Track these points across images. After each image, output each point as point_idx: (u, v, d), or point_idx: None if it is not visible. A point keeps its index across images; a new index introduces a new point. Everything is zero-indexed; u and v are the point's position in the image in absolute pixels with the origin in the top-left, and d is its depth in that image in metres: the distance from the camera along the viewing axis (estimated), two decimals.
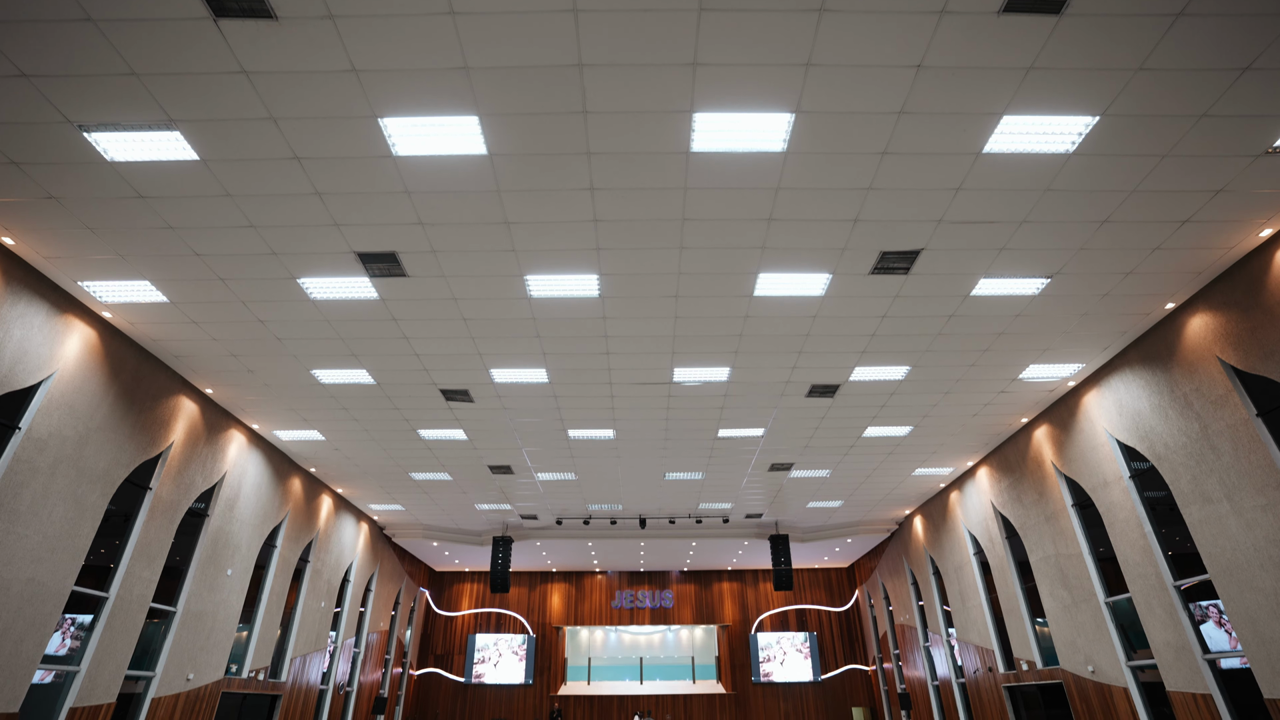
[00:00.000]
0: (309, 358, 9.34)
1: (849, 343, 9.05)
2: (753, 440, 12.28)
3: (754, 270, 7.48)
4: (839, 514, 17.39)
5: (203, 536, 10.99)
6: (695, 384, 10.06)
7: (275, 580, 13.09)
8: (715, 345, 9.01)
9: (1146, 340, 9.12)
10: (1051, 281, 7.82)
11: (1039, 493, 12.09)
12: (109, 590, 9.02)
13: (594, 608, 22.77)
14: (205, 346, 9.06)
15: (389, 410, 10.96)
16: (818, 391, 10.38)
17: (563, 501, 15.92)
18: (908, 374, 9.95)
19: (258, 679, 12.53)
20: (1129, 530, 9.89)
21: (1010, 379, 10.31)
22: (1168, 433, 8.91)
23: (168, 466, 9.91)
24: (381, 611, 18.31)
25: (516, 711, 21.18)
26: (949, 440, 12.70)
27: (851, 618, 22.59)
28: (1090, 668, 10.95)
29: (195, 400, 10.41)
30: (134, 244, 6.93)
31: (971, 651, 14.74)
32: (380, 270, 7.40)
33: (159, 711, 10.03)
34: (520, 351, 9.08)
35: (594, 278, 7.53)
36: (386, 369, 9.62)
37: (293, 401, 10.80)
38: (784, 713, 21.20)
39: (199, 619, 10.85)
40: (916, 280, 7.77)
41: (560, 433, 11.79)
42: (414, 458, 13.06)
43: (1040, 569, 12.18)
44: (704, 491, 15.25)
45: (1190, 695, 8.91)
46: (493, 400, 10.52)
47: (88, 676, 8.62)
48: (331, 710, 15.45)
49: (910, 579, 17.98)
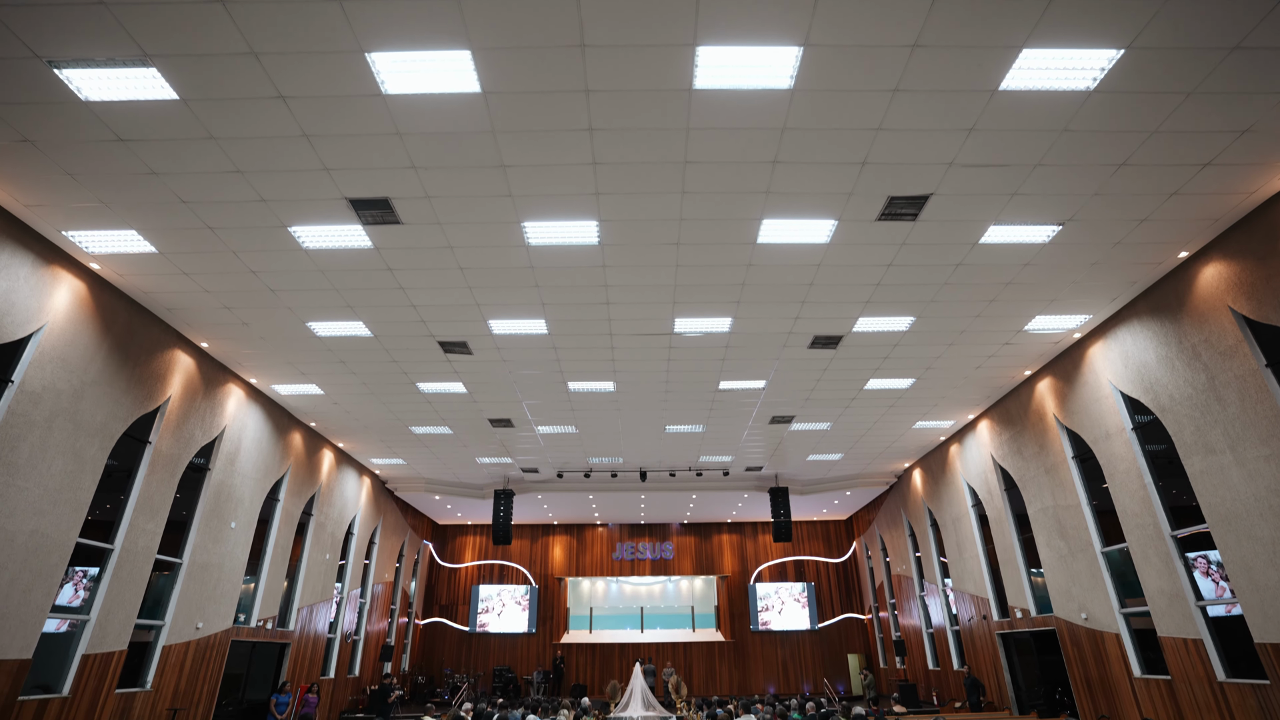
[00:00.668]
0: (304, 309, 9.19)
1: (853, 292, 8.89)
2: (754, 392, 12.22)
3: (757, 216, 7.27)
4: (839, 467, 17.48)
5: (205, 490, 11.02)
6: (696, 335, 9.92)
7: (279, 533, 13.21)
8: (717, 295, 8.84)
9: (1156, 291, 8.95)
10: (1063, 229, 7.62)
11: (1039, 445, 12.08)
12: (114, 542, 9.07)
13: (595, 559, 23.13)
14: (198, 299, 8.89)
15: (387, 363, 10.86)
16: (820, 343, 10.26)
17: (563, 455, 15.96)
18: (912, 325, 9.81)
19: (266, 628, 12.75)
20: (1129, 481, 9.90)
21: (1016, 330, 10.18)
22: (1173, 384, 8.83)
23: (166, 420, 9.85)
24: (386, 563, 18.58)
25: (520, 659, 21.72)
26: (951, 393, 12.64)
27: (849, 568, 22.97)
28: (1084, 615, 11.12)
29: (191, 354, 10.29)
30: (117, 191, 6.71)
31: (967, 600, 14.99)
32: (373, 217, 7.19)
33: (170, 658, 10.22)
34: (519, 302, 8.93)
35: (593, 224, 7.33)
36: (383, 321, 9.47)
37: (290, 355, 10.68)
38: (781, 659, 21.73)
39: (205, 570, 10.96)
40: (924, 227, 7.56)
41: (560, 385, 11.72)
42: (414, 411, 13.02)
43: (1038, 520, 12.27)
44: (704, 444, 15.27)
45: (1181, 640, 9.06)
46: (491, 352, 10.40)
47: (98, 625, 8.74)
48: (340, 658, 15.80)
49: (908, 531, 18.19)
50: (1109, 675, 10.60)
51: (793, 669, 21.64)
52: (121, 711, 9.26)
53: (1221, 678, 8.49)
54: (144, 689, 9.75)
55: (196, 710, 10.86)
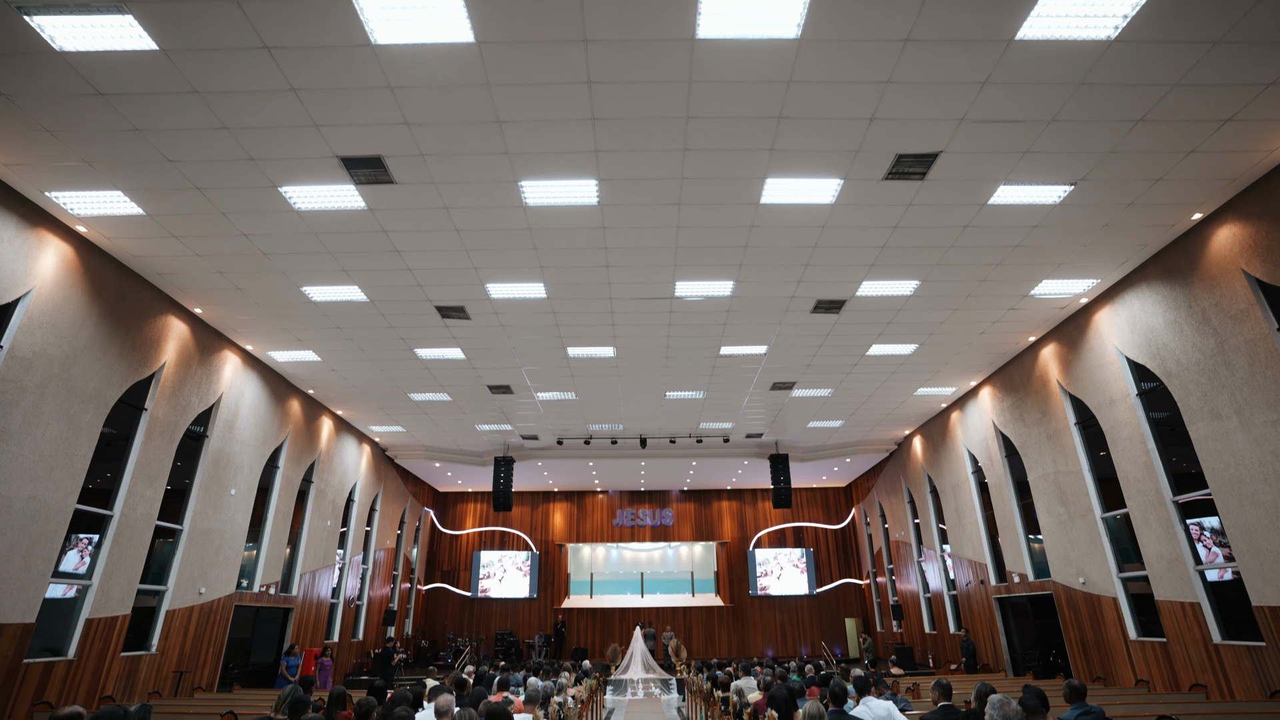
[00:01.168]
0: (298, 274, 9.02)
1: (858, 255, 8.71)
2: (755, 358, 12.11)
3: (761, 175, 7.07)
4: (839, 434, 17.47)
5: (203, 457, 10.97)
6: (698, 299, 9.77)
7: (280, 500, 13.22)
8: (719, 257, 8.67)
9: (1167, 254, 8.78)
10: (1074, 189, 7.42)
11: (1042, 411, 12.03)
12: (113, 509, 9.05)
13: (596, 526, 23.30)
14: (189, 263, 8.71)
15: (384, 329, 10.72)
16: (823, 307, 10.11)
17: (563, 422, 15.93)
18: (917, 289, 9.65)
19: (269, 593, 12.84)
20: (1132, 447, 9.86)
21: (1022, 295, 10.03)
22: (1181, 349, 8.72)
23: (161, 387, 9.75)
24: (387, 530, 18.69)
25: (522, 623, 22.02)
26: (954, 359, 12.54)
27: (847, 535, 23.16)
28: (1081, 579, 11.18)
29: (185, 320, 10.15)
30: (100, 149, 6.49)
31: (965, 566, 15.10)
32: (366, 176, 6.98)
33: (174, 623, 10.29)
34: (517, 265, 8.76)
35: (592, 183, 7.12)
36: (379, 285, 9.31)
37: (285, 321, 10.54)
38: (780, 623, 22.04)
39: (206, 536, 10.98)
40: (932, 187, 7.36)
41: (559, 351, 11.60)
42: (412, 378, 12.93)
43: (1038, 486, 12.28)
44: (705, 411, 15.22)
45: (1179, 604, 9.11)
46: (490, 317, 10.26)
47: (100, 590, 8.76)
48: (343, 622, 15.98)
49: (907, 497, 18.27)
50: (1104, 638, 10.70)
51: (791, 633, 21.96)
52: (128, 674, 9.36)
53: (1217, 640, 8.56)
54: (149, 652, 9.83)
55: (202, 673, 10.98)
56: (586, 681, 11.28)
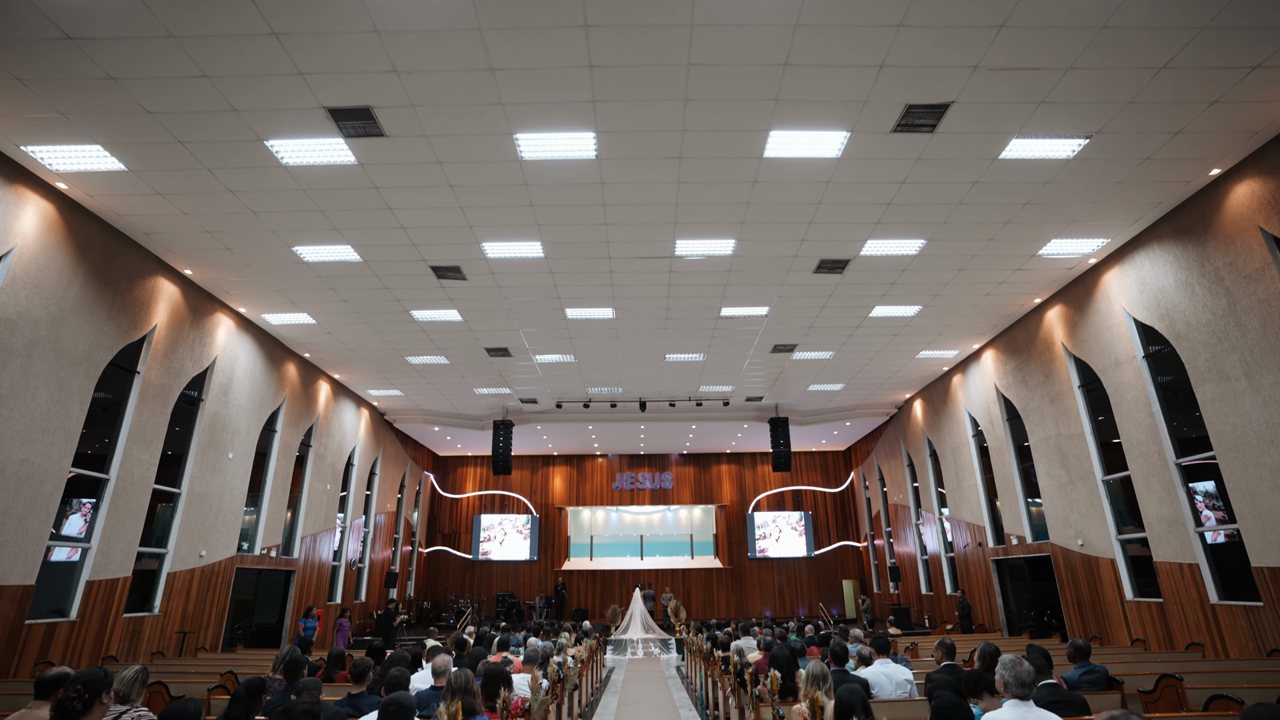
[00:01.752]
0: (289, 233, 8.79)
1: (863, 212, 8.48)
2: (756, 320, 11.94)
3: (765, 127, 6.81)
4: (839, 397, 17.40)
5: (199, 421, 10.88)
6: (698, 258, 9.56)
7: (278, 464, 13.19)
8: (721, 215, 8.44)
9: (1181, 212, 8.56)
10: (1090, 143, 7.16)
11: (1045, 374, 11.92)
12: (109, 472, 8.98)
13: (595, 489, 23.42)
14: (176, 222, 8.48)
15: (379, 290, 10.52)
16: (826, 267, 9.91)
17: (562, 385, 15.83)
18: (922, 248, 9.44)
19: (270, 556, 12.90)
20: (1136, 410, 9.77)
21: (1029, 255, 9.82)
22: (1191, 310, 8.56)
23: (153, 350, 9.60)
24: (388, 494, 18.75)
25: (523, 585, 22.28)
26: (957, 321, 12.37)
27: (846, 498, 23.30)
28: (1080, 541, 11.21)
29: (175, 282, 9.94)
30: (75, 99, 6.21)
31: (963, 528, 15.17)
32: (355, 129, 6.72)
33: (175, 585, 10.33)
34: (513, 223, 8.53)
35: (590, 136, 6.86)
36: (372, 244, 9.09)
37: (278, 282, 10.34)
38: (778, 585, 22.31)
39: (205, 500, 10.96)
40: (942, 140, 7.10)
41: (558, 312, 11.42)
42: (409, 340, 12.77)
43: (1039, 449, 12.24)
44: (705, 374, 15.11)
45: (1177, 565, 9.13)
46: (486, 277, 10.06)
47: (100, 553, 8.75)
48: (345, 584, 16.12)
49: (906, 461, 18.29)
50: (1101, 598, 10.77)
51: (789, 594, 22.24)
52: (131, 634, 9.41)
53: (1214, 600, 8.60)
54: (152, 613, 9.88)
55: (206, 634, 11.07)
56: (587, 641, 11.39)
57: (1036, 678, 2.96)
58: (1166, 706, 4.56)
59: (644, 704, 9.49)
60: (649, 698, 10.10)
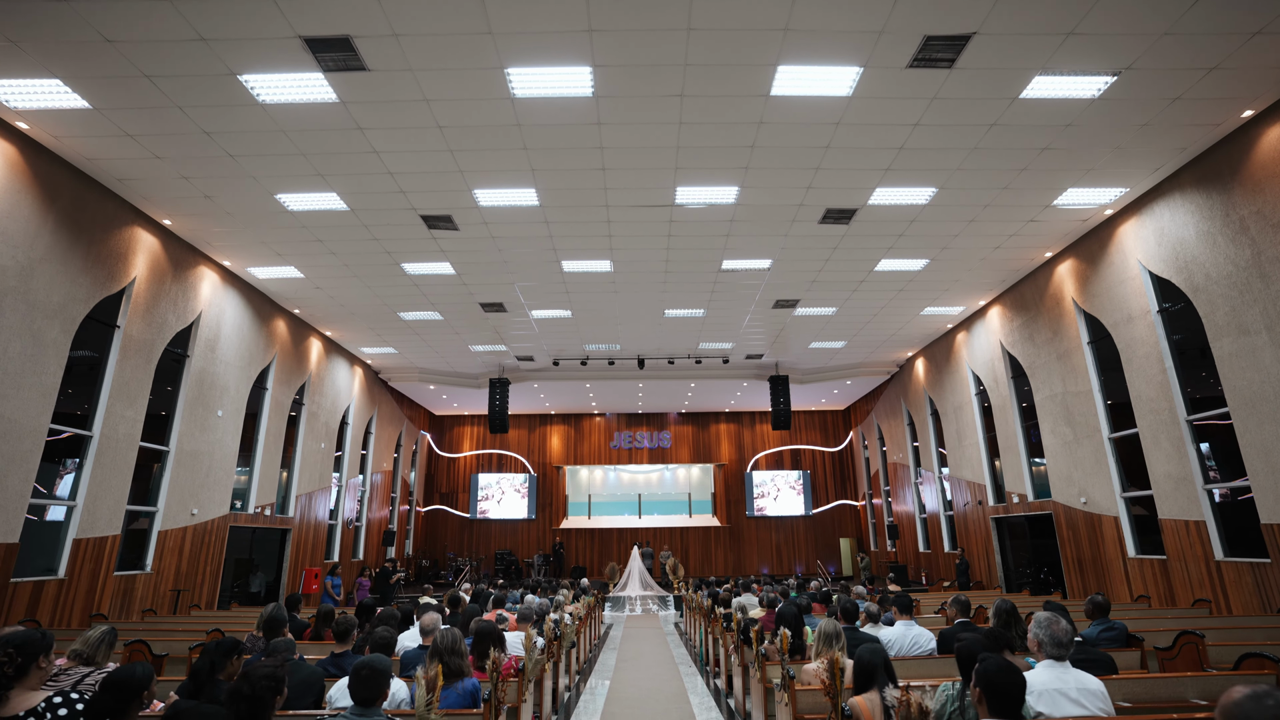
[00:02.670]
0: (270, 179, 8.36)
1: (873, 157, 8.07)
2: (758, 273, 11.58)
3: (772, 62, 6.37)
4: (840, 355, 17.14)
5: (186, 378, 10.59)
6: (700, 206, 9.16)
7: (270, 422, 12.95)
8: (723, 159, 8.02)
9: (1207, 158, 8.17)
10: (1117, 80, 6.73)
11: (1053, 331, 11.64)
12: (92, 429, 8.72)
13: (593, 448, 23.33)
14: (150, 167, 8.04)
15: (368, 241, 10.13)
16: (833, 217, 9.52)
17: (559, 341, 15.52)
18: (933, 197, 9.05)
19: (265, 514, 12.76)
20: (1148, 366, 9.52)
21: (1044, 206, 9.44)
22: (1211, 261, 8.24)
23: (134, 304, 9.25)
24: (384, 453, 18.60)
25: (521, 543, 22.35)
26: (965, 276, 12.04)
27: (844, 457, 23.25)
28: (1083, 499, 11.10)
29: (154, 233, 9.53)
30: (22, 25, 5.73)
31: (963, 487, 15.09)
32: (334, 62, 6.26)
33: (167, 543, 10.18)
34: (506, 168, 8.10)
35: (586, 71, 6.42)
36: (359, 191, 8.67)
37: (262, 233, 9.93)
38: (775, 543, 22.41)
39: (194, 458, 10.74)
40: (960, 77, 6.67)
41: (554, 264, 11.04)
42: (401, 295, 12.41)
43: (1044, 407, 12.04)
44: (704, 330, 14.80)
45: (1183, 522, 9.02)
46: (479, 228, 9.66)
47: (86, 511, 8.55)
48: (343, 542, 16.07)
49: (907, 420, 18.14)
50: (1103, 556, 10.70)
51: (786, 552, 22.36)
52: (123, 592, 9.29)
53: (1219, 557, 8.50)
54: (144, 571, 9.75)
55: (201, 592, 10.98)
56: (585, 599, 11.34)
57: (1073, 637, 2.74)
58: (1185, 664, 4.41)
59: (643, 661, 9.45)
60: (647, 654, 10.07)
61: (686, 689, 7.47)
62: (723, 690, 7.32)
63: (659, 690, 7.40)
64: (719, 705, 6.66)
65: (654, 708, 6.53)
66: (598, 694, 7.30)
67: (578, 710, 6.56)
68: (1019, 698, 2.21)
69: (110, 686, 2.36)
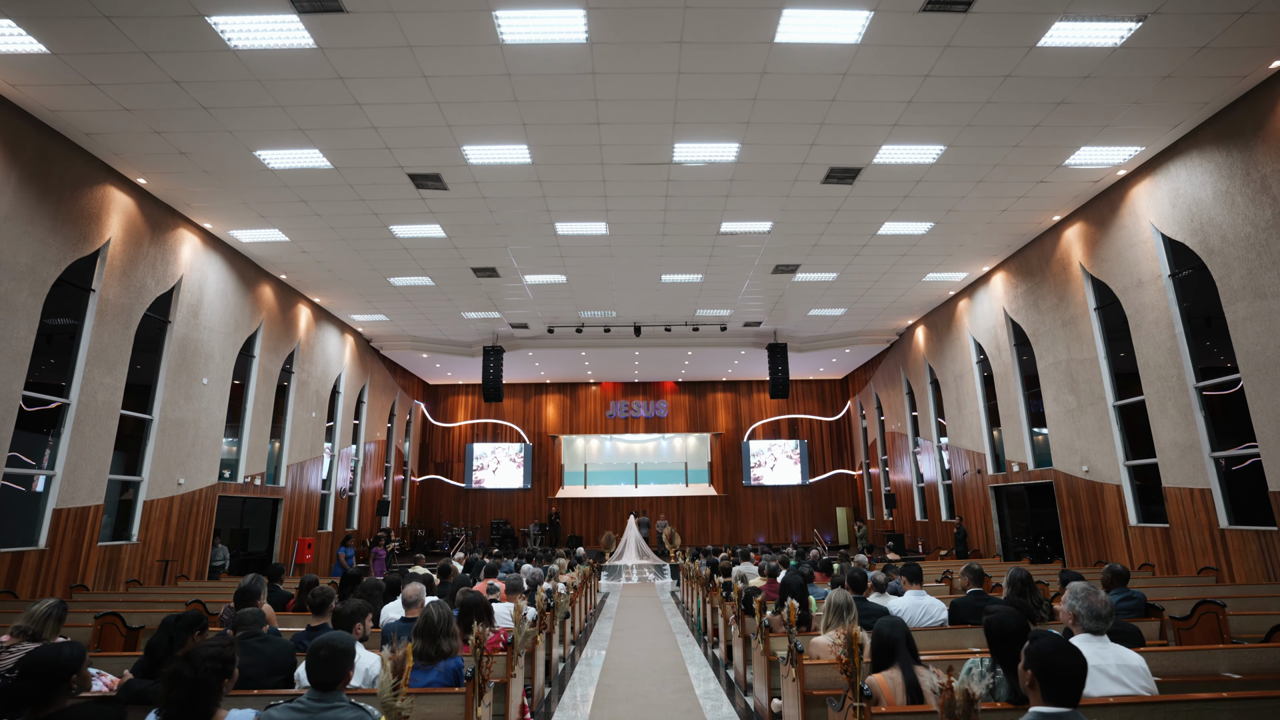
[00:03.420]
0: (248, 134, 7.95)
1: (880, 112, 7.70)
2: (758, 236, 11.24)
3: (777, 4, 5.97)
4: (840, 323, 16.87)
5: (168, 344, 10.27)
6: (699, 164, 8.78)
7: (258, 390, 12.66)
8: (724, 112, 7.64)
9: (1228, 114, 7.83)
10: (1141, 27, 6.36)
11: (1059, 297, 11.38)
12: (69, 397, 8.42)
13: (589, 417, 23.14)
14: (118, 120, 7.61)
15: (354, 202, 9.74)
16: (836, 176, 9.17)
17: (553, 308, 15.19)
18: (941, 155, 8.70)
19: (255, 484, 12.55)
20: (1157, 331, 9.29)
21: (1054, 166, 9.11)
22: (1229, 223, 7.94)
23: (109, 266, 8.88)
24: (377, 423, 18.36)
25: (517, 512, 22.28)
26: (969, 241, 11.72)
27: (842, 426, 23.14)
28: (1085, 468, 10.95)
29: (128, 192, 9.13)
30: None
31: (962, 456, 14.96)
32: (309, 3, 5.84)
33: (154, 513, 9.97)
34: (496, 121, 7.70)
35: (580, 14, 6.01)
36: (343, 148, 8.27)
37: (243, 194, 9.53)
38: (772, 512, 22.39)
39: (180, 426, 10.47)
40: (975, 23, 6.29)
41: (547, 226, 10.67)
42: (390, 260, 12.04)
43: (1048, 374, 11.83)
44: (702, 296, 14.48)
45: (1187, 490, 8.89)
46: (469, 187, 9.27)
47: (66, 480, 8.30)
48: (336, 512, 15.90)
49: (906, 389, 17.96)
50: (1103, 524, 10.59)
51: (783, 521, 22.36)
52: (109, 562, 9.10)
53: (1224, 525, 8.38)
54: (130, 541, 9.55)
55: (190, 562, 10.81)
56: (580, 568, 11.21)
57: (1113, 609, 2.51)
58: (1205, 635, 4.24)
59: (639, 630, 9.34)
60: (644, 623, 9.97)
61: (684, 659, 7.34)
62: (721, 660, 7.19)
63: (656, 660, 7.28)
64: (718, 676, 6.52)
65: (651, 679, 6.39)
66: (593, 664, 7.17)
67: (572, 681, 6.42)
68: (1080, 681, 1.91)
69: (31, 670, 2.08)
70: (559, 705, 5.41)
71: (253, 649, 3.03)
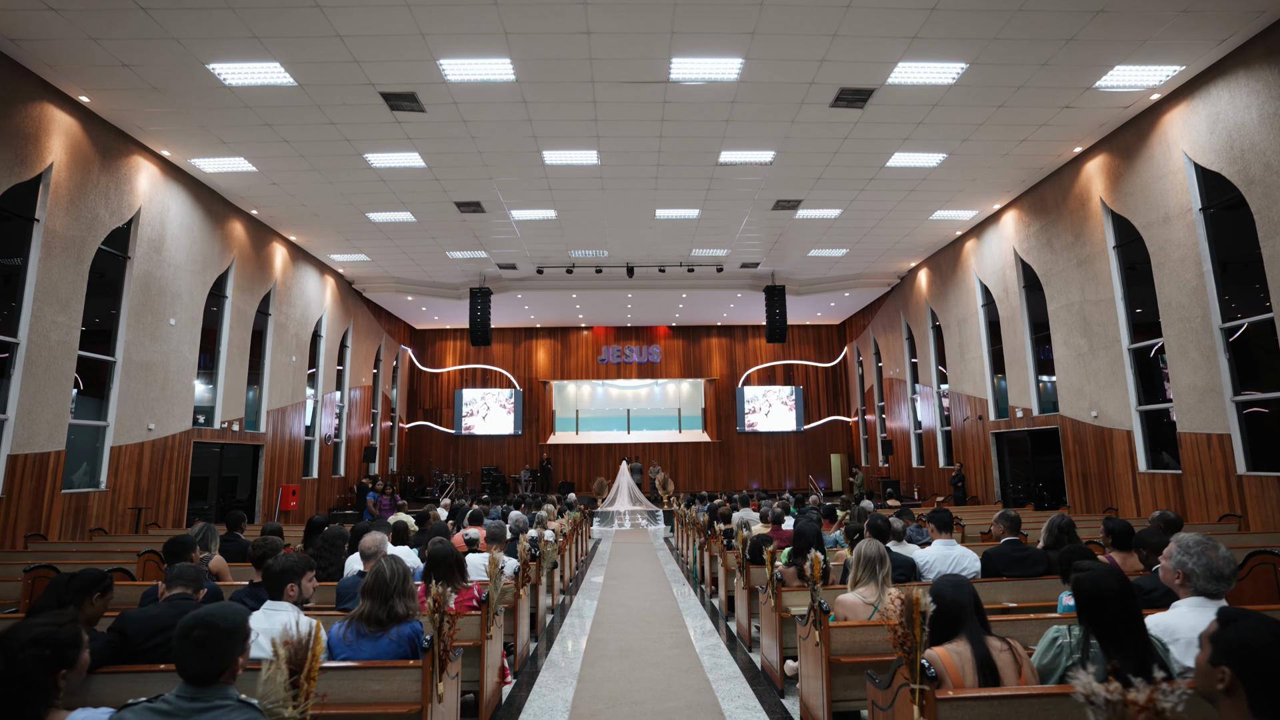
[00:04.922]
0: (197, 43, 7.12)
1: (899, 21, 6.94)
2: (759, 167, 10.51)
3: None
4: (841, 265, 16.25)
5: (128, 281, 9.59)
6: (698, 83, 8.01)
7: (233, 333, 12.05)
8: (727, 20, 6.86)
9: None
10: None
11: (1075, 235, 10.80)
12: (18, 335, 7.80)
13: (580, 363, 22.65)
14: (47, 23, 6.76)
15: (324, 126, 8.94)
16: (846, 99, 8.42)
17: (543, 247, 14.48)
18: (961, 75, 7.97)
19: (232, 430, 12.06)
20: (1182, 270, 8.76)
21: (1084, 88, 8.40)
22: (1274, 149, 7.34)
23: (53, 195, 8.13)
24: (362, 368, 17.81)
25: (508, 459, 22.00)
26: (982, 175, 11.04)
27: (838, 373, 22.77)
28: (1094, 413, 10.59)
29: (70, 112, 8.30)
30: None
31: (962, 402, 14.61)
32: None
33: (123, 459, 9.49)
34: (475, 30, 6.90)
35: None
36: (306, 60, 7.45)
37: (200, 116, 8.72)
38: (766, 459, 22.20)
39: (147, 369, 9.89)
40: None
41: (534, 155, 9.90)
42: (368, 193, 11.26)
43: (1059, 317, 11.36)
44: (698, 234, 13.80)
45: (1204, 435, 8.54)
46: (448, 108, 8.48)
47: (20, 425, 7.76)
48: (321, 459, 15.49)
49: (906, 334, 17.50)
50: (1110, 470, 10.30)
51: (777, 467, 22.20)
52: (75, 510, 8.66)
53: (1242, 471, 8.06)
54: (98, 489, 9.09)
55: (166, 510, 10.39)
56: (571, 514, 10.88)
57: (1236, 567, 2.04)
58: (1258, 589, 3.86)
59: (632, 579, 9.04)
60: (637, 571, 9.68)
61: (680, 609, 7.02)
62: (721, 611, 6.87)
63: (651, 611, 6.95)
64: (717, 628, 6.19)
65: (646, 631, 6.05)
66: (585, 615, 6.83)
67: (561, 634, 6.07)
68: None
69: None
70: (546, 663, 5.04)
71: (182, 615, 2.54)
